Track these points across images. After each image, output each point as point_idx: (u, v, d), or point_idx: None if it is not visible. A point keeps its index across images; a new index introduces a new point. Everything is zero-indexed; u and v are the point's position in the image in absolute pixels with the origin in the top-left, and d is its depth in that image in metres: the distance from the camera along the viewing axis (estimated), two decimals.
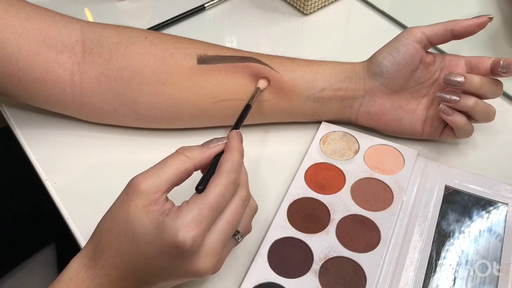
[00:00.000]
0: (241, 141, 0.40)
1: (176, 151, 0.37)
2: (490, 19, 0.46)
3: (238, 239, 0.38)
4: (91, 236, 0.37)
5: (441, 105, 0.46)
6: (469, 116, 0.47)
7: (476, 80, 0.45)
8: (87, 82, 0.47)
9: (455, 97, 0.45)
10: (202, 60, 0.46)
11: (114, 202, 0.36)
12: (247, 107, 0.45)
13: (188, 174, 0.37)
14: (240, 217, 0.37)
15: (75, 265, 0.36)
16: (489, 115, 0.47)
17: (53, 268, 0.71)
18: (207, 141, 0.39)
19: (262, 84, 0.48)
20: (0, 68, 0.45)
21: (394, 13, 0.65)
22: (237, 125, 0.43)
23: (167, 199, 0.36)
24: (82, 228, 0.46)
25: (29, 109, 0.53)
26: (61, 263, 0.70)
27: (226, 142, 0.39)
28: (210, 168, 0.38)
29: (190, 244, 0.33)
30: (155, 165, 0.36)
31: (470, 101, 0.45)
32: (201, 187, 0.36)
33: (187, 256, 0.34)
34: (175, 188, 0.37)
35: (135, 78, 0.47)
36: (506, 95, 0.56)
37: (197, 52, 0.47)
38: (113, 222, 0.35)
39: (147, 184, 0.35)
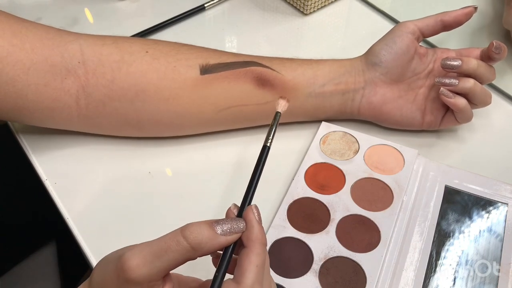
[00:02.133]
0: (261, 222, 0.33)
1: (181, 233, 0.30)
2: (475, 9, 0.49)
3: None
4: (86, 282, 0.34)
5: (441, 88, 0.47)
6: (468, 101, 0.48)
7: (473, 61, 0.47)
8: (93, 104, 0.46)
9: (454, 80, 0.47)
10: (205, 70, 0.46)
11: (107, 269, 0.32)
12: (265, 149, 0.36)
13: (187, 261, 0.31)
14: None
15: None
16: (486, 98, 0.49)
17: (53, 268, 0.70)
18: (218, 223, 0.32)
19: (281, 106, 0.40)
20: (11, 104, 0.44)
21: (394, 13, 0.65)
22: (252, 186, 0.35)
23: (165, 280, 0.32)
24: (82, 228, 0.46)
25: None
26: (61, 263, 0.70)
27: (244, 231, 0.32)
28: (222, 269, 0.31)
29: None
30: (151, 246, 0.31)
31: (469, 83, 0.47)
32: None
33: None
34: None
35: (139, 96, 0.46)
36: (505, 95, 0.56)
37: (199, 62, 0.47)
38: None
39: (140, 274, 0.30)
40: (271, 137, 0.36)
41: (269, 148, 0.36)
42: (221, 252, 0.32)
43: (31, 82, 0.44)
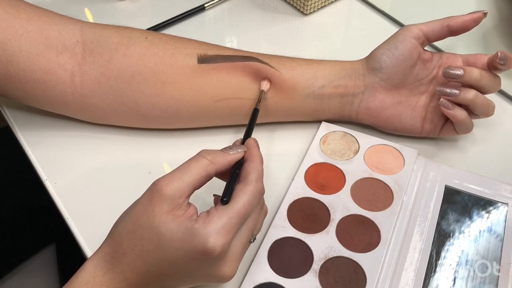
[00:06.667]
0: (259, 149, 0.41)
1: (199, 154, 0.38)
2: (485, 14, 0.46)
3: (253, 241, 0.39)
4: (107, 239, 0.37)
5: (441, 99, 0.46)
6: (469, 111, 0.47)
7: (475, 72, 0.45)
8: (88, 82, 0.47)
9: (455, 91, 0.45)
10: (203, 59, 0.46)
11: (135, 205, 0.36)
12: (255, 112, 0.46)
13: (209, 178, 0.37)
14: (257, 222, 0.38)
15: (91, 268, 0.36)
16: (488, 109, 0.47)
17: (53, 269, 0.70)
18: (227, 147, 0.39)
19: (265, 85, 0.48)
20: (1, 70, 0.45)
21: (394, 13, 0.65)
22: (249, 132, 0.43)
23: (189, 203, 0.36)
24: (82, 228, 0.46)
25: (29, 110, 0.53)
26: (61, 264, 0.70)
27: (246, 151, 0.40)
28: (232, 177, 0.38)
29: (219, 251, 0.34)
30: (177, 168, 0.36)
31: (470, 94, 0.45)
32: (226, 199, 0.36)
33: (214, 262, 0.35)
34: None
35: (135, 78, 0.47)
36: (505, 95, 0.56)
37: (197, 52, 0.47)
38: (135, 225, 0.35)
39: (172, 188, 0.35)
40: (259, 103, 0.47)
41: (258, 110, 0.46)
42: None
43: (22, 49, 0.44)
